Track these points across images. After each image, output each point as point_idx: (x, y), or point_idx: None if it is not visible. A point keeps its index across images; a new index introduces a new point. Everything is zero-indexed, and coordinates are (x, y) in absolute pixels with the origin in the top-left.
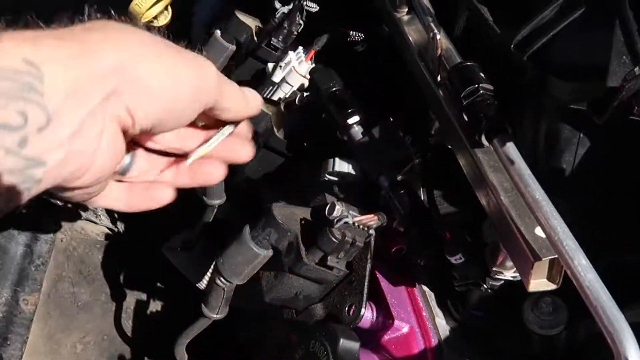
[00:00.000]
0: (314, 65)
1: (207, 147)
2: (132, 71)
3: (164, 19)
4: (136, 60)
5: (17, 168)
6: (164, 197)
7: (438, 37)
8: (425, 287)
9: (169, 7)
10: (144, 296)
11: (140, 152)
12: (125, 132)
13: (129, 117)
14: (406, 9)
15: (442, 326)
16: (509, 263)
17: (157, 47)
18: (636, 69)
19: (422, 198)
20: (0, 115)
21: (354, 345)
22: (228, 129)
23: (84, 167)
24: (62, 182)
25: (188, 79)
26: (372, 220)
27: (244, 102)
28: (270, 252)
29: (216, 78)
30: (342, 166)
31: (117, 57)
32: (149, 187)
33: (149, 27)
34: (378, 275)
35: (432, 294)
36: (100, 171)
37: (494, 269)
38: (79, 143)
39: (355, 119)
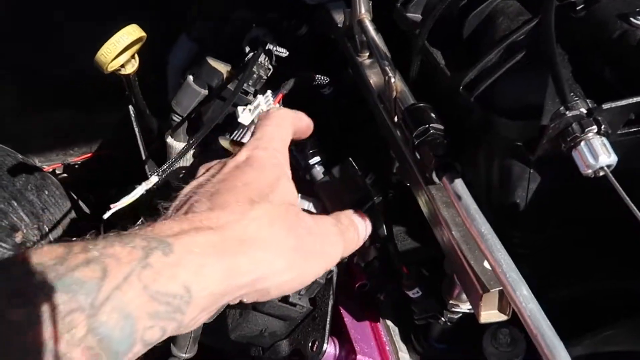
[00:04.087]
0: (281, 108)
1: None
2: (262, 284)
3: (131, 68)
4: (269, 274)
5: None
6: None
7: (393, 80)
8: (389, 322)
9: (136, 56)
10: None
11: None
12: None
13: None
14: (367, 53)
15: None
16: (464, 296)
17: (290, 254)
18: (561, 108)
19: (383, 235)
20: (145, 335)
21: None
22: None
23: None
24: None
25: (312, 276)
26: None
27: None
28: None
29: (339, 257)
30: (303, 204)
31: (255, 273)
32: None
33: (116, 75)
34: (342, 310)
35: (396, 329)
36: None
37: (450, 302)
38: None
39: (316, 159)
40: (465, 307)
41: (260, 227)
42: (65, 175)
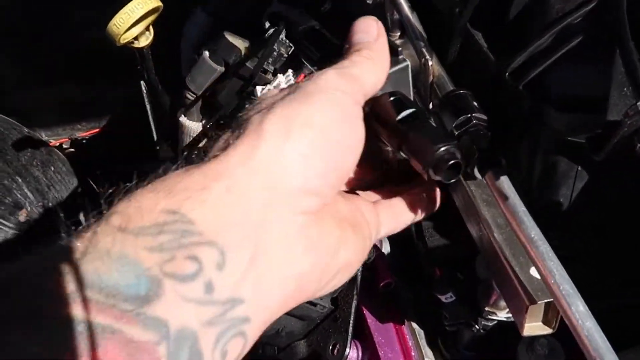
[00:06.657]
0: None
1: None
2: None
3: (145, 40)
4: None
5: (215, 316)
6: None
7: (430, 63)
8: (414, 325)
9: (151, 28)
10: None
11: None
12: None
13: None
14: (399, 33)
15: None
16: (503, 303)
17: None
18: (639, 103)
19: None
20: (170, 268)
21: None
22: None
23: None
24: (291, 301)
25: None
26: None
27: None
28: None
29: None
30: None
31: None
32: None
33: (128, 48)
34: (365, 311)
35: (422, 332)
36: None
37: (486, 309)
38: (264, 260)
39: None
40: (502, 314)
41: None
42: (72, 150)
